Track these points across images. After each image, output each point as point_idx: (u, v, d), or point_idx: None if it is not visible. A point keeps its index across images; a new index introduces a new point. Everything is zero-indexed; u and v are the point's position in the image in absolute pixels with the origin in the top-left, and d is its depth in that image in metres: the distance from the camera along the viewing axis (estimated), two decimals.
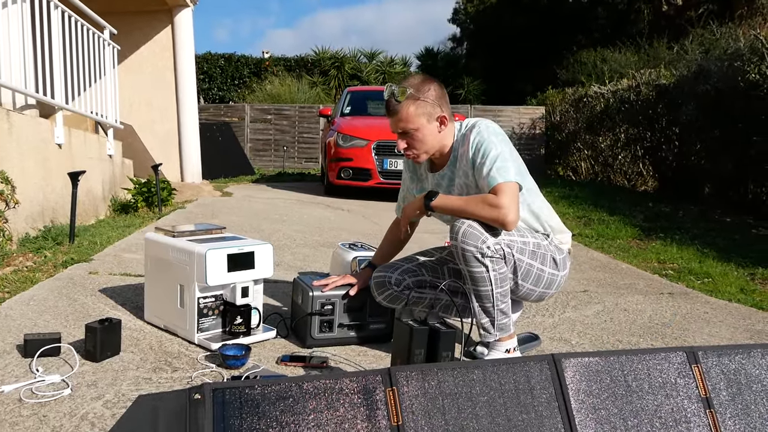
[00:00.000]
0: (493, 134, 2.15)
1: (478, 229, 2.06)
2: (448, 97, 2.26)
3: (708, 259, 4.79)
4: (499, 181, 2.06)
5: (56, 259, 3.59)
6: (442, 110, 2.19)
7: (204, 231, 2.53)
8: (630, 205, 7.71)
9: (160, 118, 8.87)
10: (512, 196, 2.06)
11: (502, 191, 2.05)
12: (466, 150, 2.17)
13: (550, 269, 2.25)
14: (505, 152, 2.12)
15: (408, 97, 2.14)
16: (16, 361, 2.07)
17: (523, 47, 20.89)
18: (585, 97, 12.32)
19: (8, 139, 3.96)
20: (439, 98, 2.18)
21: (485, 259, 2.06)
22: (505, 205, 2.03)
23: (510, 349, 2.21)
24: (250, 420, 1.26)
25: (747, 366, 1.61)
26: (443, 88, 2.24)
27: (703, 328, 2.98)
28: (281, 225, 5.53)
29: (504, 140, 2.16)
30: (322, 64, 19.45)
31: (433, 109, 2.17)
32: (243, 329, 2.33)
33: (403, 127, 2.18)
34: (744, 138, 7.25)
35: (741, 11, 14.90)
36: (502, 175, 2.07)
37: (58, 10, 4.97)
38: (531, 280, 2.21)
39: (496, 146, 2.12)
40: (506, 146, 2.14)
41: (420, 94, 2.15)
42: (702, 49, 9.14)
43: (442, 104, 2.19)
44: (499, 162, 2.09)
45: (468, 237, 2.05)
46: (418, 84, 2.17)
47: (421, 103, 2.15)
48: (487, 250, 2.05)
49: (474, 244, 2.05)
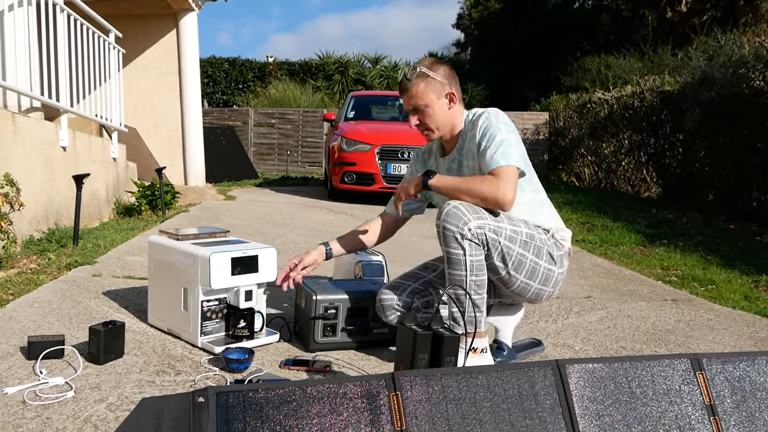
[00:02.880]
0: (501, 122, 2.17)
1: (462, 211, 2.05)
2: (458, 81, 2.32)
3: (712, 266, 4.78)
4: (501, 163, 2.08)
5: (60, 262, 3.60)
6: (451, 88, 2.26)
7: (208, 234, 2.53)
8: (633, 212, 7.70)
9: (165, 121, 8.89)
10: (511, 179, 2.07)
11: (501, 173, 2.07)
12: (474, 134, 2.20)
13: (546, 263, 2.19)
14: (511, 139, 2.14)
15: (418, 75, 2.23)
16: (20, 363, 2.07)
17: (527, 53, 20.92)
18: (589, 103, 12.31)
19: (13, 141, 3.97)
20: (449, 77, 2.27)
21: (464, 242, 2.04)
22: (502, 185, 2.05)
23: (477, 348, 2.14)
24: (253, 423, 1.26)
25: (751, 373, 1.61)
26: (454, 71, 2.31)
27: (707, 335, 2.97)
28: (285, 229, 5.53)
29: (512, 129, 2.18)
30: (326, 68, 19.48)
31: (442, 87, 2.24)
32: (246, 333, 2.33)
33: (414, 103, 2.26)
34: (748, 145, 7.25)
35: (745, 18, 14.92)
36: (504, 158, 2.09)
37: (64, 14, 4.99)
38: (525, 272, 2.15)
39: (503, 132, 2.14)
40: (513, 134, 2.16)
41: (430, 72, 2.23)
42: (706, 55, 9.12)
43: (451, 83, 2.26)
44: (504, 147, 2.11)
45: (450, 216, 2.05)
46: (429, 64, 2.27)
47: (430, 80, 2.23)
48: (468, 233, 2.03)
49: (455, 224, 2.04)
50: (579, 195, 9.50)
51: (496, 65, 21.82)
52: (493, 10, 22.81)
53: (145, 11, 8.54)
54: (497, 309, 2.41)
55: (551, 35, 20.49)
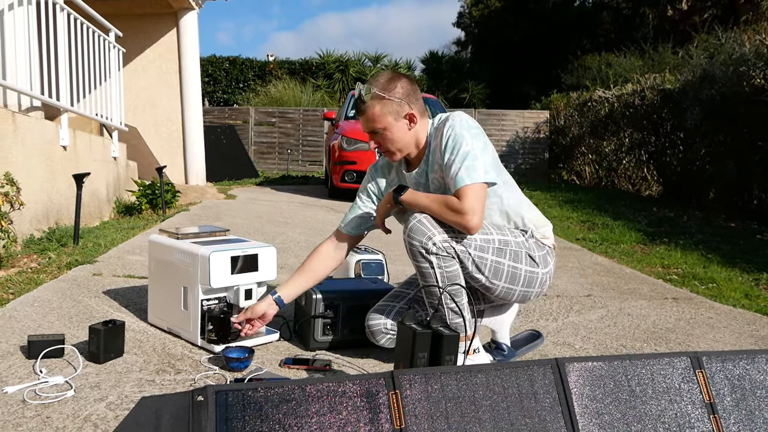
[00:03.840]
0: (465, 129, 2.08)
1: (426, 225, 2.03)
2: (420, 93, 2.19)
3: (712, 264, 4.78)
4: (466, 182, 2.00)
5: (60, 261, 3.60)
6: (410, 107, 2.14)
7: (208, 233, 2.53)
8: (634, 210, 7.70)
9: (165, 120, 8.89)
10: (477, 199, 2.00)
11: (466, 194, 2.00)
12: (439, 143, 2.11)
13: (527, 266, 2.16)
14: (476, 149, 2.05)
15: (373, 97, 2.12)
16: (20, 363, 2.08)
17: (527, 51, 20.89)
18: (589, 101, 12.31)
19: (14, 140, 3.97)
20: (408, 95, 2.14)
21: (430, 256, 2.03)
22: (468, 210, 1.98)
23: (471, 350, 2.14)
24: (252, 422, 1.26)
25: (751, 371, 1.61)
26: (414, 84, 2.19)
27: (708, 334, 2.97)
28: (285, 228, 5.53)
29: (477, 134, 2.09)
30: (327, 67, 19.47)
31: (400, 107, 2.12)
32: (214, 337, 2.26)
33: (371, 126, 2.16)
34: (749, 143, 7.24)
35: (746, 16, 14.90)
36: (470, 175, 2.01)
37: (63, 13, 4.99)
38: (504, 278, 2.13)
39: (468, 142, 2.05)
40: (478, 141, 2.07)
41: (386, 93, 2.11)
42: (707, 54, 9.12)
43: (411, 101, 2.14)
44: (469, 160, 2.03)
45: (414, 232, 2.03)
46: (385, 83, 2.13)
47: (386, 102, 2.11)
48: (433, 247, 2.02)
49: (419, 239, 2.02)
50: (579, 193, 9.50)
51: (496, 64, 21.79)
52: (494, 9, 22.78)
53: (145, 10, 8.53)
54: (490, 311, 2.40)
55: (552, 33, 20.46)
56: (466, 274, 2.10)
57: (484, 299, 2.31)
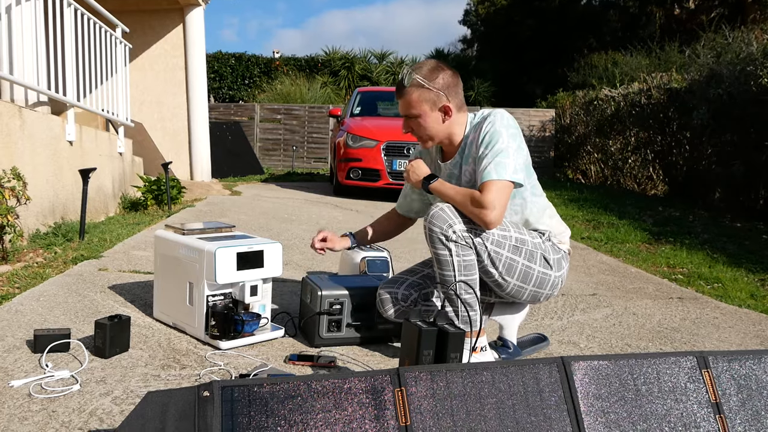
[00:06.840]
0: (504, 126, 2.11)
1: (448, 213, 2.06)
2: (461, 88, 2.24)
3: (718, 264, 4.76)
4: (493, 177, 2.03)
5: (66, 256, 3.61)
6: (448, 100, 2.17)
7: (213, 229, 2.54)
8: (640, 209, 7.68)
9: (171, 116, 8.91)
10: (500, 195, 2.03)
11: (489, 189, 2.02)
12: (476, 137, 2.14)
13: (541, 267, 2.18)
14: (510, 148, 2.08)
15: (414, 83, 2.16)
16: (26, 357, 2.08)
17: (533, 49, 20.86)
18: (595, 100, 12.27)
19: (20, 135, 3.99)
20: (447, 87, 2.17)
21: (449, 243, 2.05)
22: (489, 204, 2.01)
23: (478, 348, 2.15)
24: (258, 418, 1.26)
25: (757, 371, 1.60)
26: (456, 77, 2.21)
27: (713, 333, 2.96)
28: (290, 224, 5.54)
29: (514, 134, 2.11)
30: (333, 64, 19.48)
31: (437, 98, 2.16)
32: (216, 333, 2.29)
33: (407, 111, 2.21)
34: (756, 143, 7.21)
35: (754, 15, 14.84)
36: (498, 171, 2.03)
37: (71, 8, 5.00)
38: (517, 276, 2.15)
39: (504, 140, 2.08)
40: (514, 141, 2.10)
41: (426, 81, 2.15)
42: (714, 53, 9.07)
43: (450, 94, 2.17)
44: (501, 157, 2.05)
45: (436, 218, 2.06)
46: (428, 71, 2.17)
47: (425, 91, 2.15)
48: (453, 235, 2.04)
49: (440, 225, 2.05)
50: (585, 192, 9.47)
51: (502, 62, 21.76)
52: (500, 6, 22.75)
53: (151, 6, 8.55)
54: (501, 307, 2.41)
55: (558, 32, 20.42)
56: (480, 268, 2.13)
57: (494, 294, 2.32)
